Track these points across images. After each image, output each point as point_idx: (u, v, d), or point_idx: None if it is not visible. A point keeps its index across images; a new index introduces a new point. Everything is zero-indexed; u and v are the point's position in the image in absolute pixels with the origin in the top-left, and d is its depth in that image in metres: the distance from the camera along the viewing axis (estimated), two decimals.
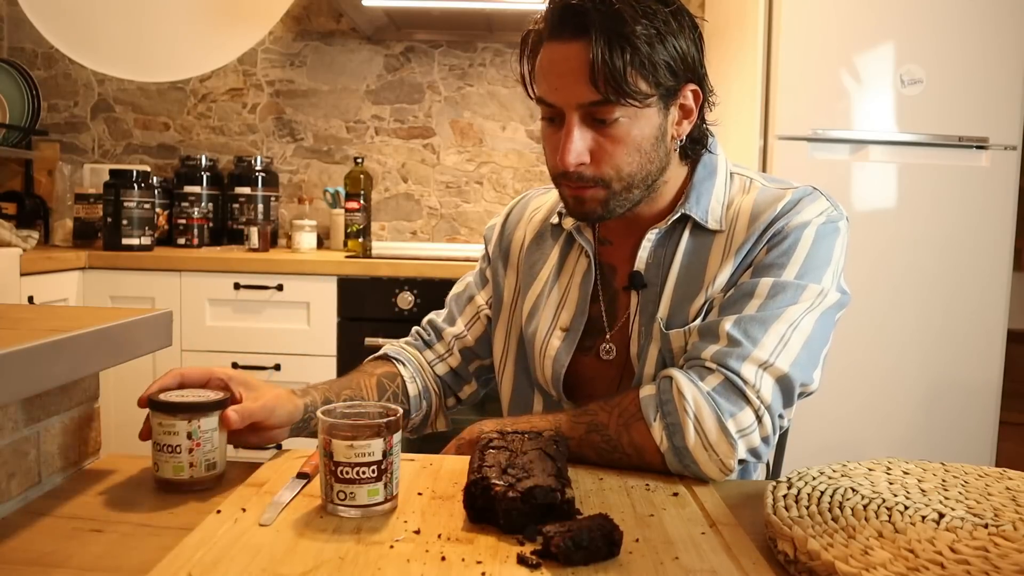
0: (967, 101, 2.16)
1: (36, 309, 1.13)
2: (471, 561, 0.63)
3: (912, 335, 2.18)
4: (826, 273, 0.95)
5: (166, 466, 0.81)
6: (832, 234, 0.97)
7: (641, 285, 1.02)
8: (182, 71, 2.79)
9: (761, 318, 0.91)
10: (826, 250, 0.96)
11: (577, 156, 0.92)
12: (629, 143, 0.93)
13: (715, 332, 0.91)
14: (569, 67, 0.90)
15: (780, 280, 0.93)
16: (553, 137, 0.95)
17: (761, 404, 0.87)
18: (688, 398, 0.86)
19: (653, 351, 0.99)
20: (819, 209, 0.98)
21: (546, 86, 0.94)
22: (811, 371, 0.93)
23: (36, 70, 2.93)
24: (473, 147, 2.95)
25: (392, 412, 0.76)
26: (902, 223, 2.18)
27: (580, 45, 0.89)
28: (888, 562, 0.58)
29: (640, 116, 0.93)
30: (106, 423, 1.02)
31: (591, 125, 0.93)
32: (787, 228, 0.96)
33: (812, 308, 0.93)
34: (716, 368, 0.88)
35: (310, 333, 2.32)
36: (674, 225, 1.02)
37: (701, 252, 1.00)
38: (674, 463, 0.87)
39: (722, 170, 1.04)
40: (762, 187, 1.03)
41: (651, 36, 0.89)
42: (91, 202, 2.58)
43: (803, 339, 0.91)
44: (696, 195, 1.01)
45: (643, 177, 0.97)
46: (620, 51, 0.88)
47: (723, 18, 2.57)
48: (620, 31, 0.88)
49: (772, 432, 0.89)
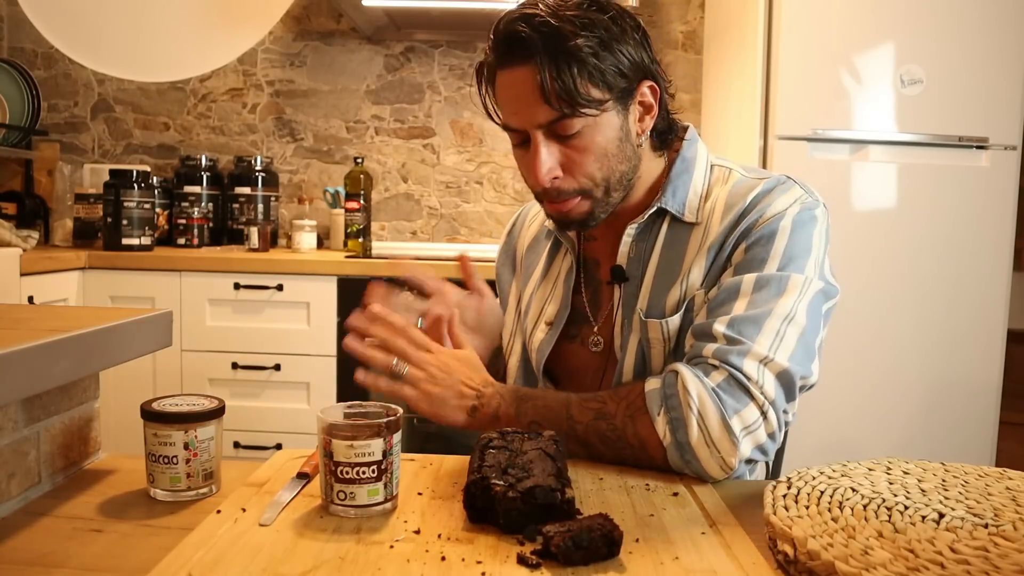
0: (967, 101, 2.16)
1: (36, 309, 1.13)
2: (471, 561, 0.63)
3: (912, 335, 2.18)
4: (808, 262, 0.95)
5: (162, 477, 0.79)
6: (809, 222, 0.97)
7: (623, 279, 1.04)
8: (182, 71, 2.79)
9: (753, 317, 0.91)
10: (805, 239, 0.96)
11: (549, 172, 0.96)
12: (595, 150, 0.96)
13: (709, 334, 0.92)
14: (522, 91, 0.93)
15: (763, 274, 0.93)
16: (525, 158, 0.99)
17: (765, 399, 0.87)
18: (693, 394, 0.87)
19: (633, 341, 1.01)
20: (792, 198, 0.98)
21: (507, 113, 0.98)
22: (809, 363, 0.93)
23: (36, 70, 2.93)
24: (473, 147, 2.95)
25: (392, 412, 0.76)
26: (902, 223, 2.18)
27: (527, 69, 0.92)
28: (888, 562, 0.58)
29: (600, 123, 0.95)
30: (106, 423, 1.02)
31: (556, 140, 0.96)
32: (761, 220, 0.96)
33: (800, 299, 0.93)
34: (720, 365, 0.89)
35: (310, 333, 2.32)
36: (652, 219, 1.03)
37: (678, 245, 1.02)
38: (676, 458, 0.87)
39: (702, 162, 1.05)
40: (739, 177, 1.03)
41: (594, 46, 0.92)
42: (91, 202, 2.58)
43: (798, 332, 0.91)
44: (672, 188, 1.03)
45: (618, 178, 0.99)
46: (567, 67, 0.91)
47: (723, 18, 2.57)
48: (563, 48, 0.91)
49: (778, 428, 0.89)
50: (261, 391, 2.34)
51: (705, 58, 2.82)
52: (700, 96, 2.86)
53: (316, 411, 0.76)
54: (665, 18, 2.88)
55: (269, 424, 2.34)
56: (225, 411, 0.83)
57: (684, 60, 2.88)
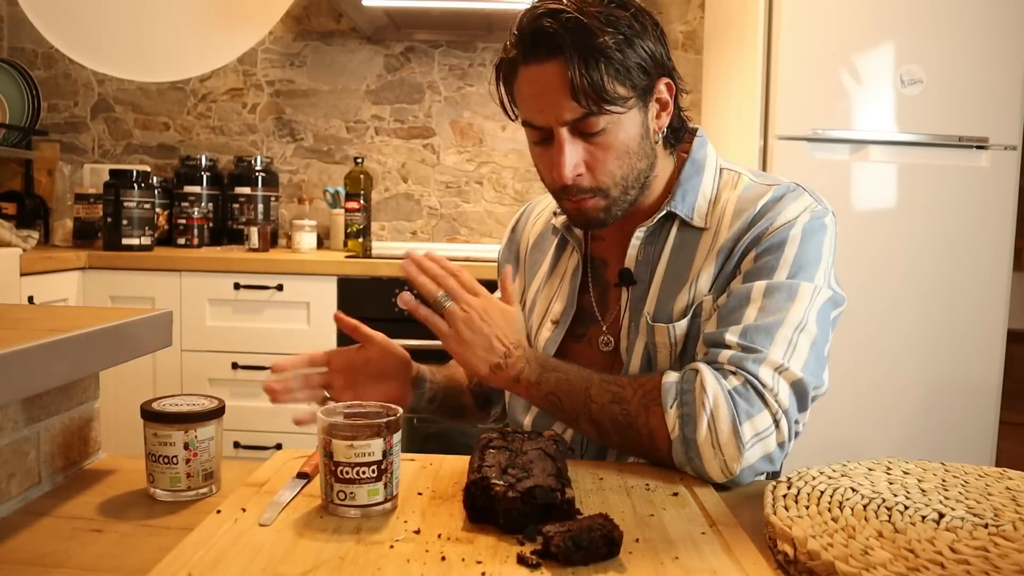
0: (967, 101, 2.15)
1: (36, 309, 1.13)
2: (471, 561, 0.63)
3: (912, 335, 2.18)
4: (818, 271, 0.95)
5: (162, 477, 0.80)
6: (820, 231, 0.97)
7: (630, 282, 1.04)
8: (182, 71, 2.79)
9: (765, 326, 0.91)
10: (815, 248, 0.96)
11: (573, 169, 0.95)
12: (619, 148, 0.96)
13: (722, 343, 0.92)
14: (549, 87, 0.92)
15: (773, 282, 0.93)
16: (545, 155, 0.98)
17: (779, 408, 0.87)
18: (709, 393, 0.86)
19: (639, 345, 1.01)
20: (802, 206, 0.98)
21: (530, 109, 0.96)
22: (820, 373, 0.93)
23: (36, 70, 2.93)
24: (473, 147, 2.95)
25: (392, 412, 0.76)
26: (902, 223, 2.17)
27: (555, 64, 0.91)
28: (888, 562, 0.58)
29: (624, 120, 0.95)
30: (106, 423, 1.02)
31: (580, 137, 0.95)
32: (772, 228, 0.96)
33: (811, 307, 0.93)
34: (736, 370, 0.89)
35: (310, 333, 2.32)
36: (661, 222, 1.03)
37: (687, 249, 1.01)
38: (679, 454, 0.87)
39: (711, 166, 1.05)
40: (748, 183, 1.03)
41: (620, 42, 0.91)
42: (91, 202, 2.58)
43: (810, 341, 0.91)
44: (682, 192, 1.02)
45: (636, 177, 0.99)
46: (595, 64, 0.90)
47: (723, 18, 2.57)
48: (591, 44, 0.90)
49: (788, 438, 0.88)
50: (261, 391, 2.34)
51: (705, 58, 2.82)
52: (700, 96, 2.85)
53: (316, 411, 0.76)
54: (665, 18, 2.88)
55: (269, 424, 2.33)
56: (225, 411, 0.83)
57: (684, 60, 2.88)
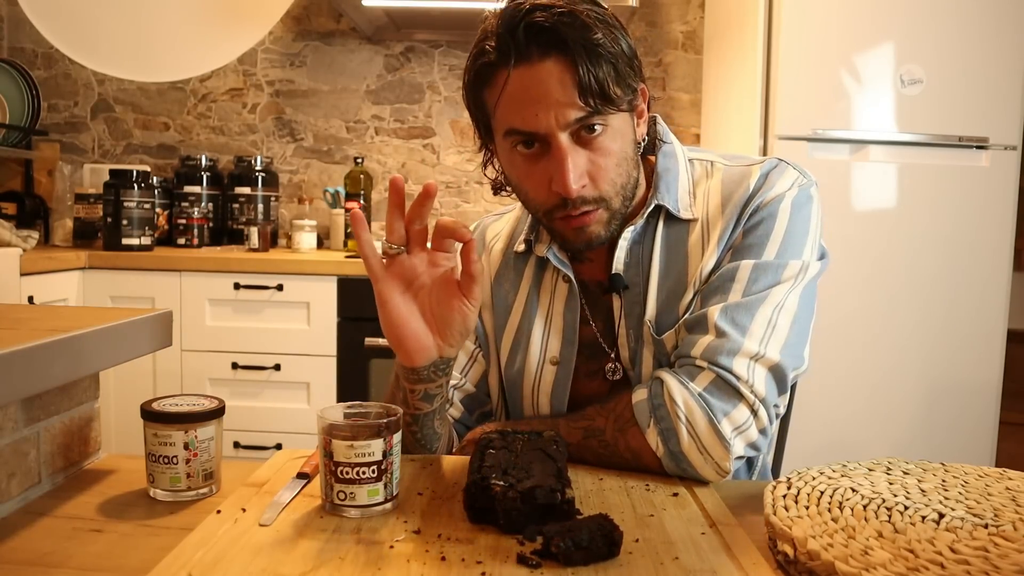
0: (967, 101, 2.16)
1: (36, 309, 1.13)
2: (471, 561, 0.63)
3: (912, 335, 2.18)
4: (806, 245, 0.94)
5: (162, 477, 0.79)
6: (807, 203, 0.96)
7: (623, 287, 0.97)
8: (182, 71, 2.80)
9: (746, 304, 0.89)
10: (803, 221, 0.95)
11: (580, 179, 0.87)
12: (617, 153, 0.90)
13: (703, 323, 0.90)
14: (550, 87, 0.84)
15: (760, 262, 0.91)
16: (536, 170, 0.89)
17: (756, 398, 0.86)
18: (679, 402, 0.86)
19: (647, 356, 0.96)
20: (789, 180, 0.96)
21: (525, 116, 0.86)
22: (801, 351, 0.92)
23: (36, 70, 2.93)
24: (473, 147, 2.95)
25: (392, 412, 0.76)
26: (902, 223, 2.18)
27: (554, 62, 0.83)
28: (888, 562, 0.58)
29: (620, 125, 0.90)
30: (106, 423, 1.02)
31: (581, 144, 0.87)
32: (762, 204, 0.94)
33: (795, 285, 0.91)
34: (707, 367, 0.87)
35: (310, 333, 2.32)
36: (648, 220, 0.98)
37: (679, 244, 0.97)
38: (671, 467, 0.86)
39: (681, 157, 1.01)
40: (725, 167, 1.00)
41: (610, 40, 0.85)
42: (91, 202, 2.58)
43: (790, 319, 0.90)
44: (665, 185, 0.98)
45: (632, 186, 0.94)
46: (598, 60, 0.83)
47: (723, 18, 2.57)
48: (591, 39, 0.83)
49: (768, 423, 0.88)
50: (261, 391, 2.34)
51: (705, 58, 2.82)
52: (700, 96, 2.86)
53: (316, 411, 0.76)
54: (665, 18, 2.88)
55: (269, 424, 2.33)
56: (225, 411, 0.83)
57: (684, 60, 2.88)
